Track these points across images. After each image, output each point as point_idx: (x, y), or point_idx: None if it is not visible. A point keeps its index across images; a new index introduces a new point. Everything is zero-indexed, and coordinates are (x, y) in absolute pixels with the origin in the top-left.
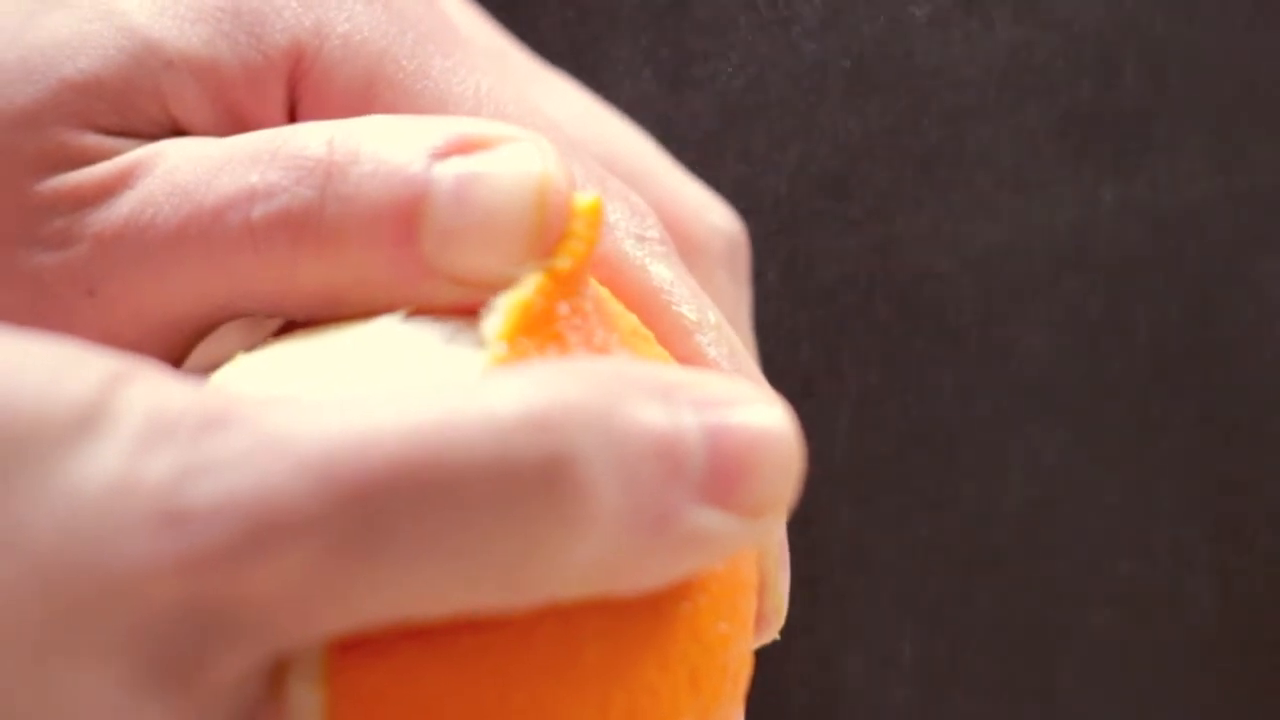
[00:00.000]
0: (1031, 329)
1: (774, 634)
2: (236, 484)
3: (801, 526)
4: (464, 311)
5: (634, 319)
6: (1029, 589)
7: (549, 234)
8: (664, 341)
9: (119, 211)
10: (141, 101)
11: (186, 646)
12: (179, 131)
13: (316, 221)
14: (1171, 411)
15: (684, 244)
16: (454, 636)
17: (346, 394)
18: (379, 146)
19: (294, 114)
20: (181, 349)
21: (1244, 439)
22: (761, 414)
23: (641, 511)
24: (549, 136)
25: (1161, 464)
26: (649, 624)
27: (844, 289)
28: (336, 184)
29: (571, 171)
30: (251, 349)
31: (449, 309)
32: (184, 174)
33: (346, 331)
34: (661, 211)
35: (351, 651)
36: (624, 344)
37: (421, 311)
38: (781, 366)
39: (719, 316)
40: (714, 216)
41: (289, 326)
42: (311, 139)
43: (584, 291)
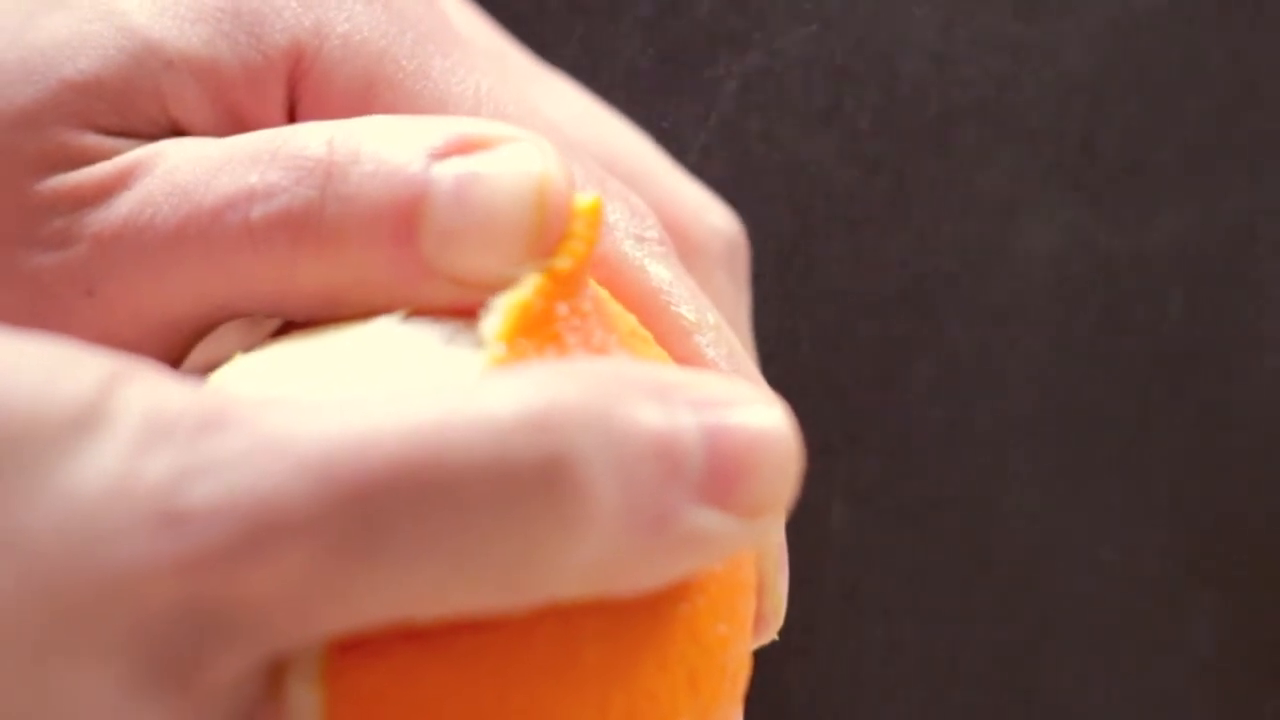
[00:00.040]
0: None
1: (773, 635)
2: (235, 485)
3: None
4: (463, 312)
5: (633, 319)
6: (1025, 599)
7: (549, 234)
8: (663, 342)
9: (118, 212)
10: (141, 102)
11: (185, 647)
12: (179, 132)
13: (316, 221)
14: (1159, 440)
15: (683, 244)
16: (453, 637)
17: (345, 395)
18: (379, 147)
19: (293, 114)
20: (180, 349)
21: (1235, 467)
22: (760, 414)
23: (640, 512)
24: (548, 137)
25: (1152, 487)
26: (648, 625)
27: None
28: (336, 184)
29: (571, 172)
30: (250, 349)
31: (448, 309)
32: (183, 174)
33: (345, 332)
34: (660, 212)
35: (350, 652)
36: (623, 345)
37: (420, 312)
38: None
39: (718, 317)
40: (713, 217)
41: (288, 327)
42: (311, 139)
43: (583, 292)
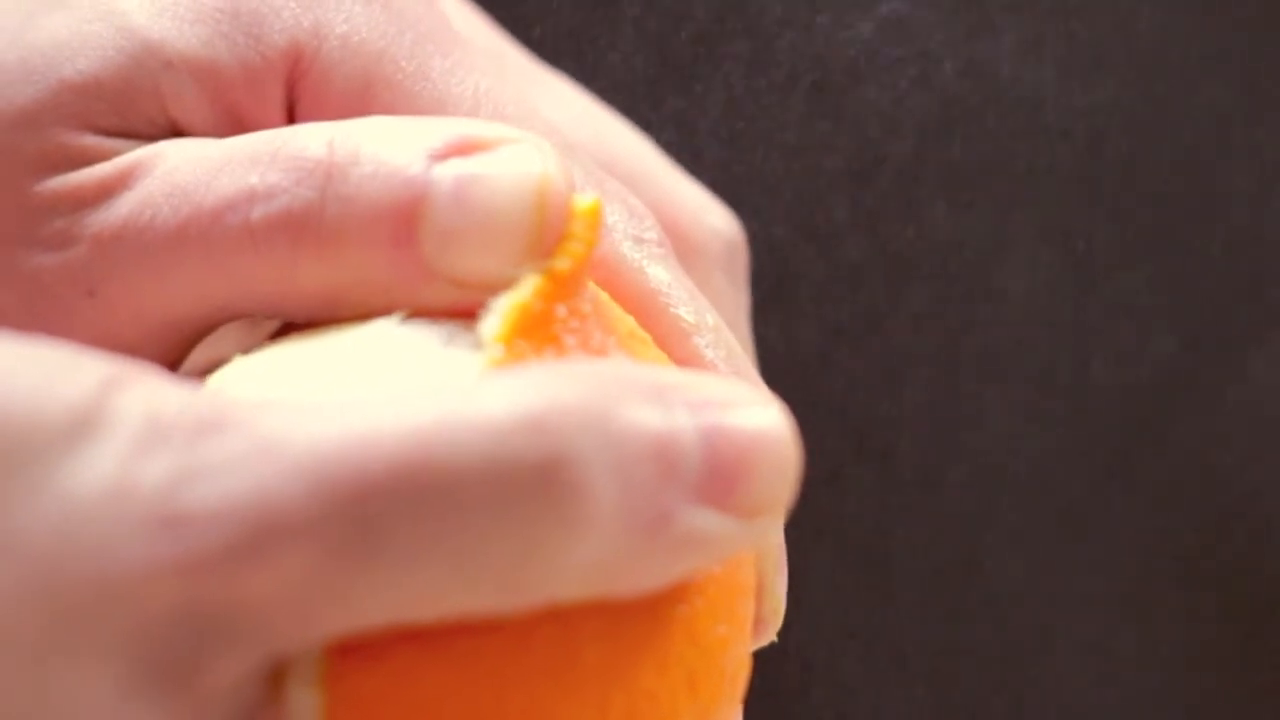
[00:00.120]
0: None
1: (772, 636)
2: (233, 487)
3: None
4: (462, 313)
5: (631, 321)
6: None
7: (548, 235)
8: (662, 343)
9: (118, 212)
10: (141, 102)
11: (184, 650)
12: (178, 132)
13: (316, 223)
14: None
15: (682, 246)
16: (452, 639)
17: (343, 396)
18: (379, 148)
19: (293, 115)
20: (181, 350)
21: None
22: (758, 415)
23: (638, 512)
24: (547, 138)
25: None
26: (647, 627)
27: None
28: (336, 185)
29: (571, 173)
30: (249, 351)
31: (447, 311)
32: (183, 175)
33: (344, 333)
34: (659, 213)
35: (350, 654)
36: (621, 346)
37: (420, 313)
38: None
39: (717, 318)
40: (712, 218)
41: (287, 328)
42: (311, 140)
43: (582, 294)
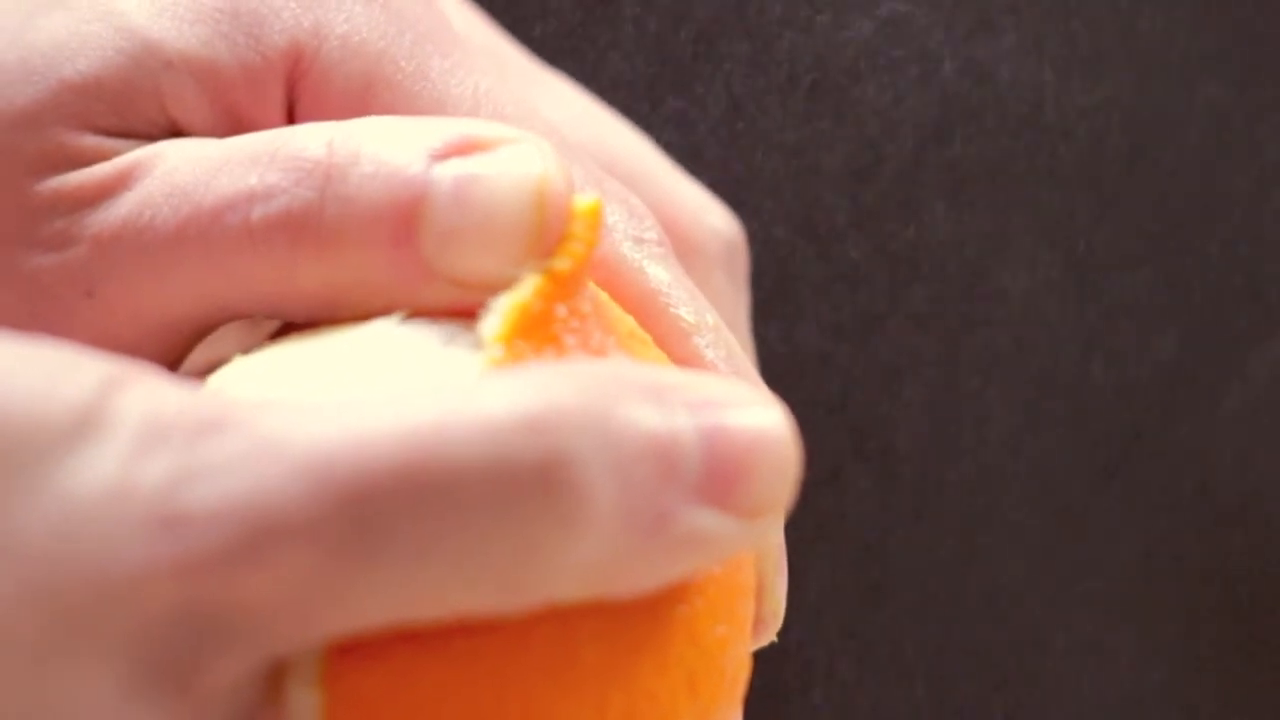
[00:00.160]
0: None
1: (772, 636)
2: (232, 488)
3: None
4: (462, 313)
5: (631, 321)
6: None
7: (548, 235)
8: (662, 344)
9: (118, 212)
10: (140, 102)
11: (183, 650)
12: (178, 132)
13: (316, 223)
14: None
15: (682, 245)
16: (451, 639)
17: (343, 397)
18: (378, 148)
19: (292, 115)
20: (180, 350)
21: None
22: (758, 415)
23: (638, 513)
24: (547, 138)
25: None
26: (646, 627)
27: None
28: (336, 185)
29: (571, 173)
30: (249, 351)
31: (447, 311)
32: (183, 175)
33: (344, 334)
34: (659, 213)
35: (349, 654)
36: (621, 346)
37: (419, 313)
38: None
39: (717, 318)
40: (712, 218)
41: (287, 328)
42: (311, 140)
43: (582, 294)
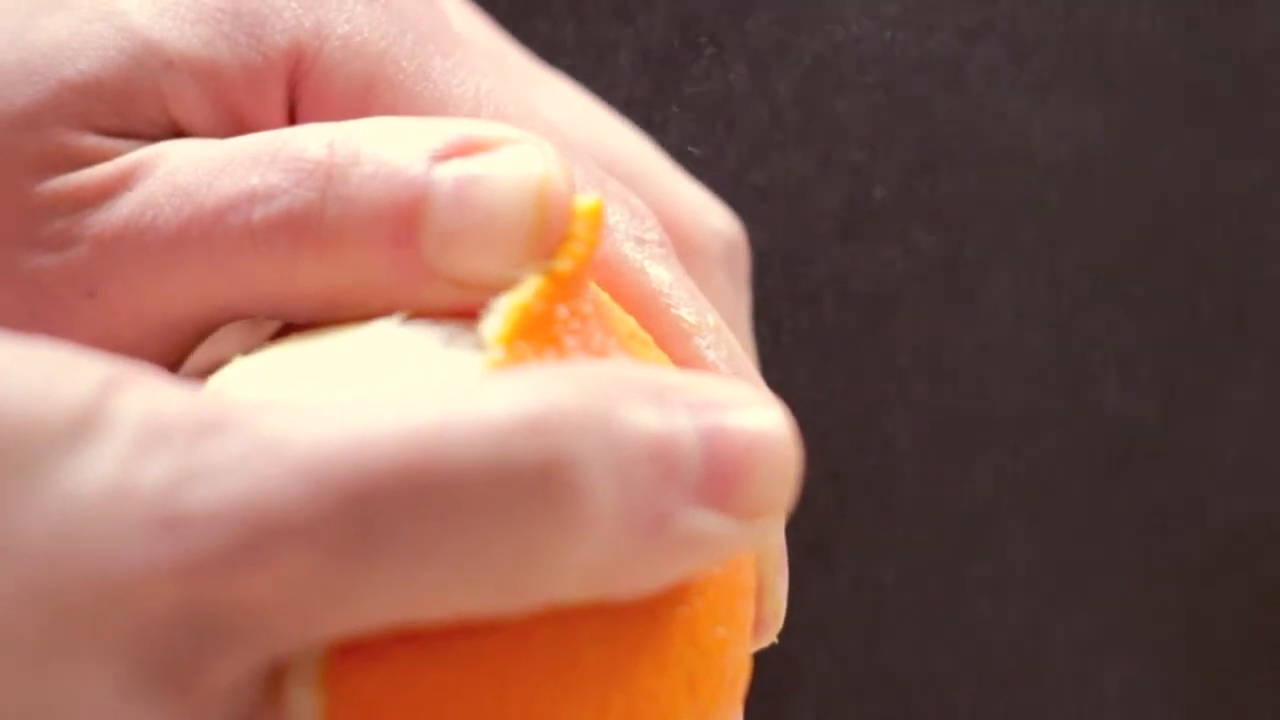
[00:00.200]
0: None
1: (772, 637)
2: (233, 489)
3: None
4: (463, 314)
5: (632, 322)
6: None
7: (549, 236)
8: (663, 344)
9: (119, 213)
10: (142, 102)
11: (183, 651)
12: (179, 132)
13: (317, 223)
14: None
15: (683, 246)
16: (452, 640)
17: (344, 397)
18: (379, 148)
19: (294, 115)
20: (181, 351)
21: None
22: (759, 416)
23: (638, 513)
24: (548, 138)
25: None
26: (647, 628)
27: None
28: (337, 186)
29: (572, 173)
30: (249, 351)
31: (448, 311)
32: (184, 175)
33: (344, 334)
34: (660, 213)
35: (350, 655)
36: (622, 347)
37: (420, 314)
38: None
39: (718, 319)
40: (713, 218)
41: (288, 329)
42: (312, 141)
43: (583, 294)
